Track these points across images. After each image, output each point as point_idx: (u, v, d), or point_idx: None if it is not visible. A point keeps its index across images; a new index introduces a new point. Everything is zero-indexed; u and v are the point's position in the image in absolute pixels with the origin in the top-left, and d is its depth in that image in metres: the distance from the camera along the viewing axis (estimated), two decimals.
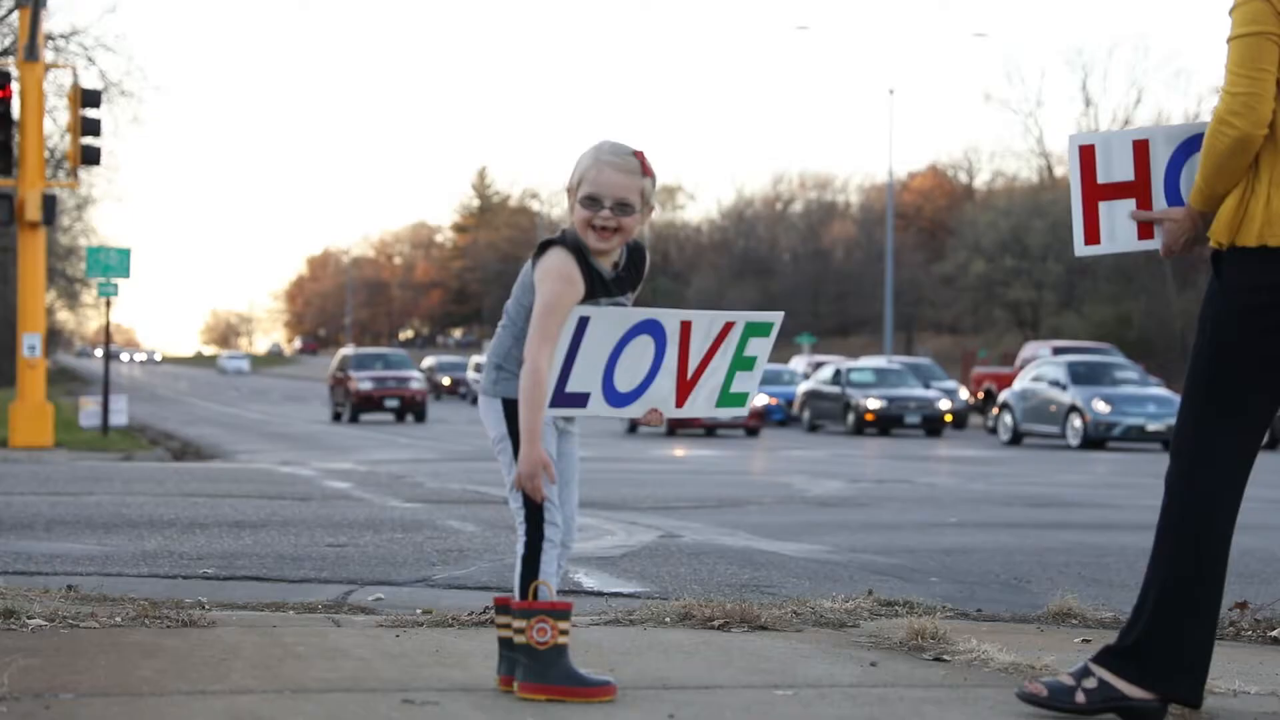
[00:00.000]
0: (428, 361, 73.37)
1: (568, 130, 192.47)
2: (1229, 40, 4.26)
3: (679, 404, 4.46)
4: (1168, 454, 4.33)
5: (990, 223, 69.71)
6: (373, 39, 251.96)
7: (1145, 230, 4.55)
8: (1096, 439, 29.15)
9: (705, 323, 4.43)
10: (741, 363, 4.52)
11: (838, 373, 37.39)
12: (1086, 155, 4.61)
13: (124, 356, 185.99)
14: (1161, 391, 30.82)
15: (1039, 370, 32.02)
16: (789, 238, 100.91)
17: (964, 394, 40.80)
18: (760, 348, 4.54)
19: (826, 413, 37.00)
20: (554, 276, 4.21)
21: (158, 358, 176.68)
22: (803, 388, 38.65)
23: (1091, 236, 4.62)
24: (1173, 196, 4.53)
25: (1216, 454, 4.26)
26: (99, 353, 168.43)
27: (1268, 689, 4.79)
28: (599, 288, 4.28)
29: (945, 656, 5.22)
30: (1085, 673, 4.29)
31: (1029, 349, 42.51)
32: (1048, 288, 68.12)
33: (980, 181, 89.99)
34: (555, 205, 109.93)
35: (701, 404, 4.48)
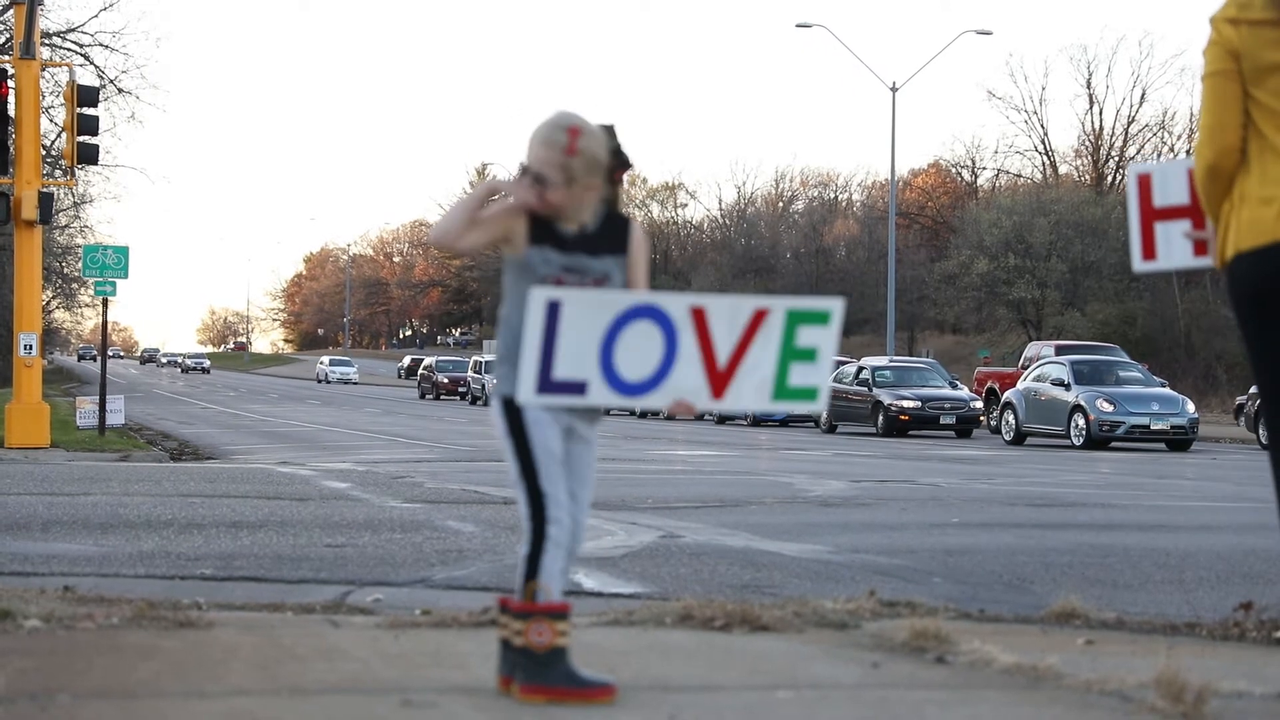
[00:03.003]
0: (427, 360, 73.48)
1: None
2: (1201, 79, 4.88)
3: (716, 395, 4.26)
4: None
5: (993, 221, 69.63)
6: (372, 37, 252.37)
7: (1200, 248, 5.11)
8: (1100, 439, 29.07)
9: (726, 309, 4.25)
10: (796, 354, 4.29)
11: (861, 370, 36.50)
12: (1144, 181, 5.22)
13: (162, 359, 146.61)
14: (1165, 391, 30.77)
15: (1042, 370, 31.97)
16: (791, 236, 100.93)
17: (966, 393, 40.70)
18: (819, 338, 4.30)
19: (847, 413, 35.75)
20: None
21: (206, 364, 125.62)
22: None
23: (1148, 253, 5.20)
24: None
25: None
26: (113, 353, 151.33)
27: (1272, 691, 4.75)
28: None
29: (948, 657, 5.19)
30: None
31: (1033, 348, 42.46)
32: (1051, 287, 68.04)
33: (984, 179, 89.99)
34: None
35: (750, 397, 4.29)
